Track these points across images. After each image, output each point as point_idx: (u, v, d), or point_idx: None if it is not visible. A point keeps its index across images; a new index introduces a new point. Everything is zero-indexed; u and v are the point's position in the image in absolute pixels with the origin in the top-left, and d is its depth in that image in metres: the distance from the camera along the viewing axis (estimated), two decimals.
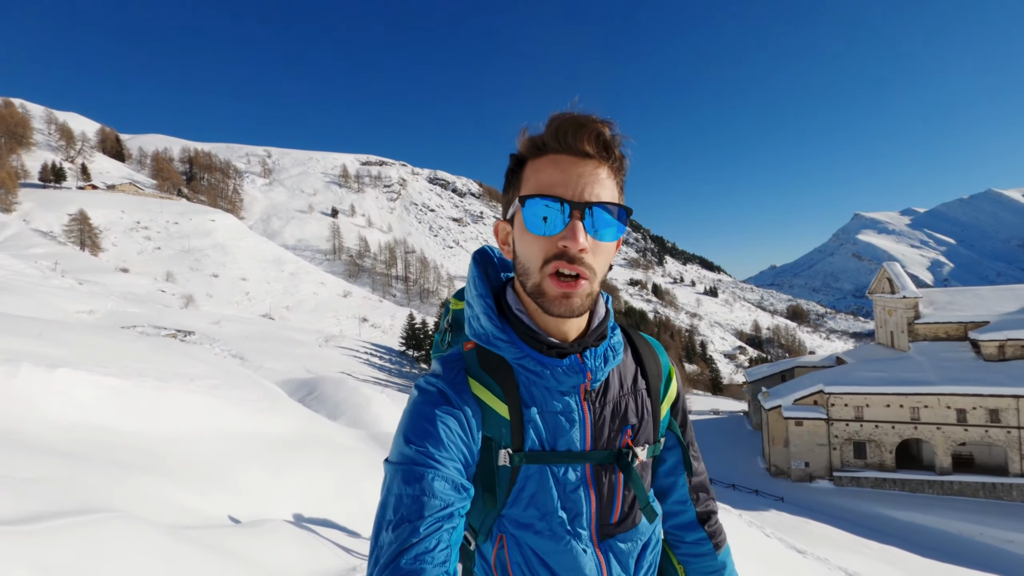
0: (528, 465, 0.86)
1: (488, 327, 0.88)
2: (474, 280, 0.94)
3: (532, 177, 0.80)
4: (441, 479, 0.76)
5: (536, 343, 0.86)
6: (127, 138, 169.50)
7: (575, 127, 0.76)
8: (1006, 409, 28.02)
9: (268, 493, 4.79)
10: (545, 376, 0.85)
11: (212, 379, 6.78)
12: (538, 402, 0.87)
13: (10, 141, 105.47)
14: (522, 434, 0.85)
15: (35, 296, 38.15)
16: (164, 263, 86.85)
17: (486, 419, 0.86)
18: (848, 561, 17.03)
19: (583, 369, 0.86)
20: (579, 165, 0.78)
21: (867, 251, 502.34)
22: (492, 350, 0.88)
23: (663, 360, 1.02)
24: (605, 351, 0.89)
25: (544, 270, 0.79)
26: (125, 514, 2.44)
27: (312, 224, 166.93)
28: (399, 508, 0.74)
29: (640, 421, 0.94)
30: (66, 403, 4.12)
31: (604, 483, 0.90)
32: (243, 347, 39.26)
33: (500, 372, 0.86)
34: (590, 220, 0.77)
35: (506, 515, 0.89)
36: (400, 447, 0.80)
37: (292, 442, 6.21)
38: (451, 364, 0.89)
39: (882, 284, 37.85)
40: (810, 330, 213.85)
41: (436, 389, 0.85)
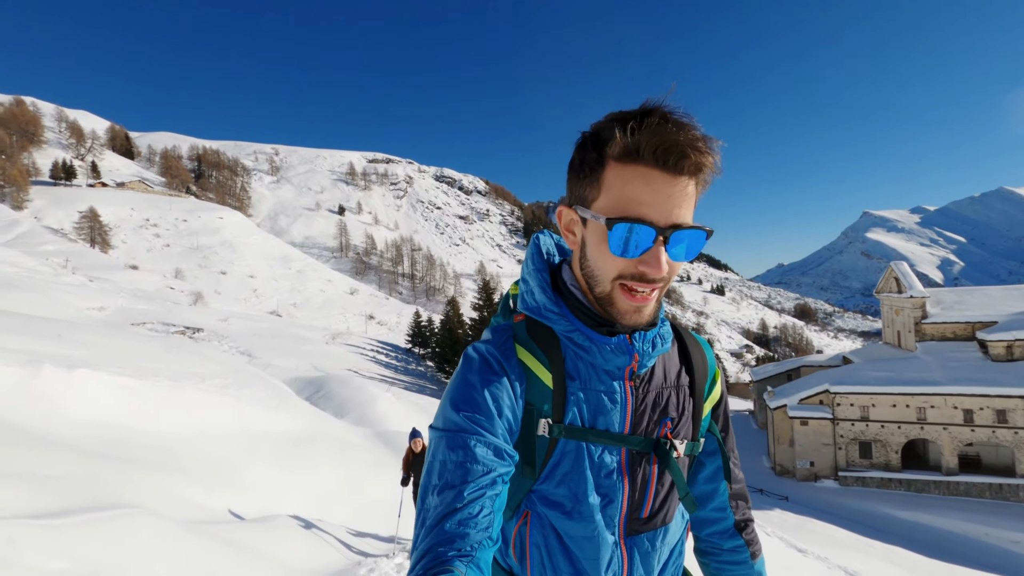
0: (566, 440, 0.85)
1: (541, 299, 0.89)
2: (532, 256, 0.95)
3: (618, 187, 0.76)
4: (484, 445, 0.76)
5: (588, 319, 0.86)
6: (136, 136, 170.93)
7: (679, 150, 0.72)
8: (1013, 410, 27.88)
9: (276, 490, 4.96)
10: (592, 352, 0.85)
11: (223, 378, 6.96)
12: (583, 377, 0.86)
13: (22, 139, 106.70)
14: (563, 406, 0.85)
15: (47, 293, 38.64)
16: (173, 260, 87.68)
17: (530, 386, 0.86)
18: (851, 560, 17.06)
19: (631, 350, 0.85)
20: (671, 185, 0.74)
21: (876, 249, 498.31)
22: (544, 321, 0.88)
23: (711, 361, 1.01)
24: (655, 337, 0.88)
25: (615, 283, 0.79)
26: (143, 509, 2.59)
27: (319, 222, 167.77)
28: (444, 473, 0.75)
29: (680, 416, 0.93)
30: (84, 402, 4.30)
31: (639, 473, 0.89)
32: (251, 344, 39.65)
33: (547, 343, 0.87)
34: (676, 244, 0.76)
35: (537, 491, 0.88)
36: (446, 412, 0.80)
37: (299, 440, 6.38)
38: (500, 332, 0.90)
39: (889, 283, 37.67)
40: (818, 329, 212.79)
41: (483, 354, 0.85)
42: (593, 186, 0.79)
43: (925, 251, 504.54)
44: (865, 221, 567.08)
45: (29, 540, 1.91)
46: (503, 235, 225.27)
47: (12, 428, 3.46)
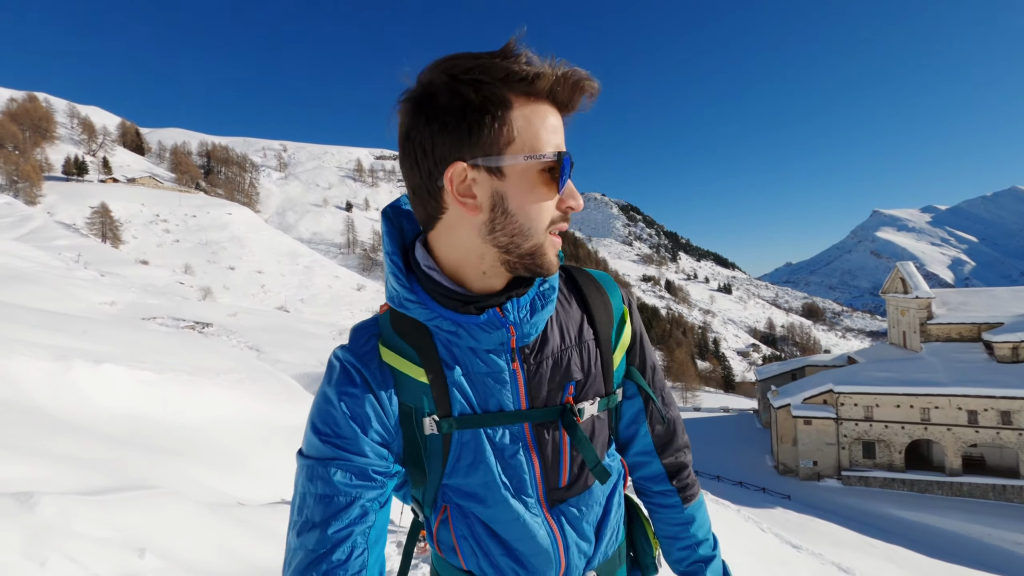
0: (461, 431, 0.79)
1: (397, 288, 0.79)
2: (384, 237, 0.84)
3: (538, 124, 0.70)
4: (347, 470, 0.71)
5: (449, 300, 0.77)
6: (147, 132, 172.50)
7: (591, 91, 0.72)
8: (1018, 411, 27.85)
9: (286, 477, 5.26)
10: (462, 335, 0.77)
11: (236, 373, 7.30)
12: (461, 363, 0.79)
13: (34, 135, 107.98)
14: (447, 398, 0.78)
15: (60, 287, 39.23)
16: (182, 255, 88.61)
17: (401, 388, 0.78)
18: (851, 559, 17.22)
19: (504, 323, 0.77)
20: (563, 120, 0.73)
21: (886, 248, 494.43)
22: (403, 312, 0.79)
23: (615, 302, 0.92)
24: (532, 300, 0.79)
25: (549, 229, 0.74)
26: (168, 490, 2.89)
27: (327, 218, 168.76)
28: (304, 508, 0.70)
29: (587, 375, 0.86)
30: (110, 394, 4.63)
31: (547, 443, 0.83)
32: (259, 339, 40.11)
33: (414, 334, 0.79)
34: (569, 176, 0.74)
35: (448, 484, 0.84)
36: (307, 437, 0.75)
37: None
38: (362, 332, 0.82)
39: (895, 284, 37.61)
40: (826, 328, 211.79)
41: (342, 363, 0.78)
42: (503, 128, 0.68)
43: (936, 251, 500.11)
44: (875, 220, 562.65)
45: (78, 512, 2.23)
46: None
47: (50, 416, 3.81)
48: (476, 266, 0.76)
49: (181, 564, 2.27)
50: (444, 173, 0.70)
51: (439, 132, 0.68)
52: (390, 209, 0.86)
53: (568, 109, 0.72)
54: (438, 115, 0.68)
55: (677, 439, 1.00)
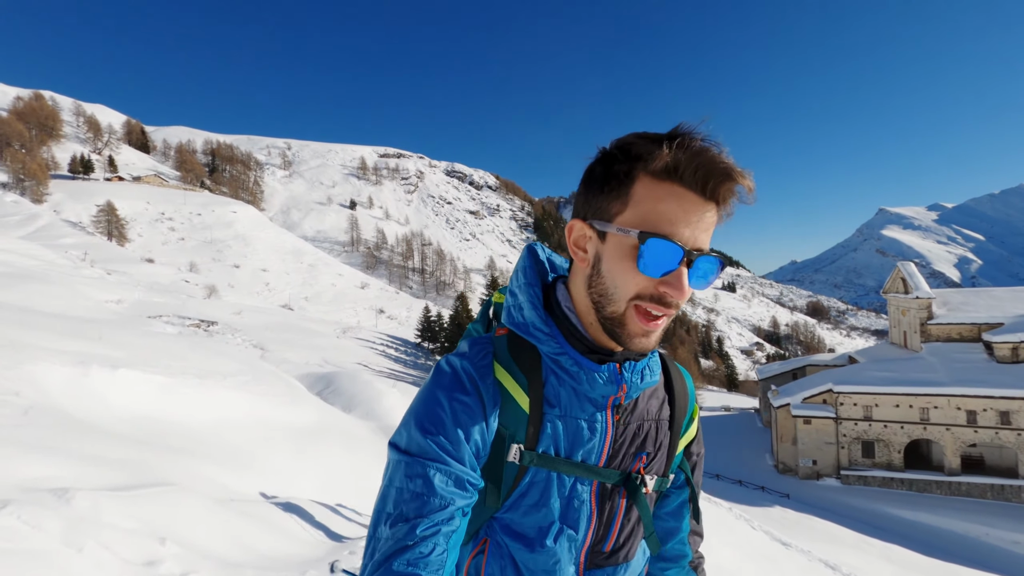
0: (536, 469, 0.81)
1: (531, 316, 0.83)
2: (524, 270, 0.89)
3: (650, 203, 0.72)
4: (446, 475, 0.72)
5: (578, 343, 0.81)
6: (152, 130, 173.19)
7: (721, 176, 0.70)
8: (1017, 411, 27.96)
9: (292, 475, 5.58)
10: (580, 379, 0.80)
11: (242, 376, 7.63)
12: (563, 404, 0.81)
13: (41, 133, 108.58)
14: (538, 433, 0.80)
15: (68, 286, 39.75)
16: (187, 254, 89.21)
17: (505, 408, 0.80)
18: (847, 557, 17.44)
19: (619, 380, 0.81)
20: (703, 209, 0.72)
21: (892, 247, 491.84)
22: (530, 340, 0.82)
23: (691, 395, 0.98)
24: (644, 368, 0.84)
25: (631, 303, 0.74)
26: (184, 487, 3.18)
27: (331, 216, 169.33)
28: (399, 503, 0.71)
29: (656, 451, 0.89)
30: (127, 397, 4.94)
31: (607, 506, 0.85)
32: (264, 337, 40.56)
33: (529, 363, 0.81)
34: (698, 270, 0.73)
35: (499, 519, 0.84)
36: (410, 432, 0.76)
37: (311, 432, 7.02)
38: (479, 346, 0.85)
39: (896, 284, 37.68)
40: (830, 327, 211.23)
41: (457, 370, 0.80)
42: (619, 200, 0.74)
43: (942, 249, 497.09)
44: (881, 218, 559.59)
45: (107, 506, 2.52)
46: (513, 230, 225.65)
47: (73, 418, 4.11)
48: (588, 315, 0.81)
49: (197, 551, 2.57)
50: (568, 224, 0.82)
51: (581, 191, 0.80)
52: (537, 247, 0.94)
53: (712, 198, 0.72)
54: (585, 177, 0.79)
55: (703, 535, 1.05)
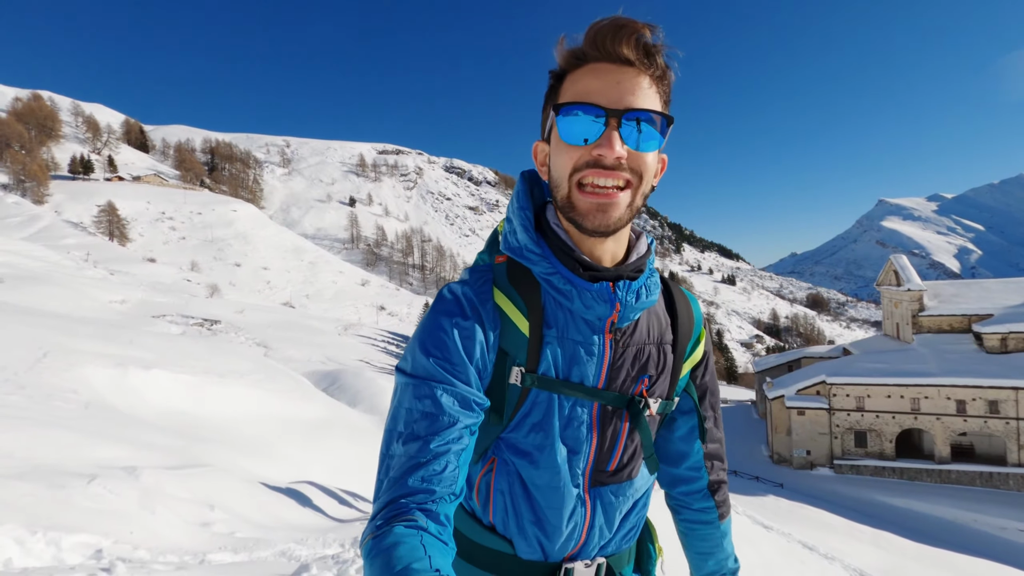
0: (538, 391, 0.83)
1: (523, 239, 0.85)
2: (518, 194, 0.90)
3: (570, 88, 0.76)
4: (452, 395, 0.74)
5: (570, 261, 0.82)
6: (150, 129, 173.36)
7: (613, 31, 0.71)
8: (1005, 400, 28.60)
9: (304, 463, 6.20)
10: (572, 297, 0.81)
11: (257, 374, 8.27)
12: (560, 325, 0.83)
13: (40, 134, 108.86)
14: (538, 355, 0.82)
15: (73, 287, 40.28)
16: (188, 253, 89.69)
17: (505, 332, 0.82)
18: (836, 543, 18.05)
19: (613, 299, 0.81)
20: (618, 72, 0.73)
21: (891, 238, 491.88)
22: (523, 263, 0.84)
23: (697, 318, 0.97)
24: (640, 288, 0.84)
25: (573, 179, 0.76)
26: (218, 468, 3.78)
27: (330, 213, 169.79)
28: (410, 423, 0.73)
29: (659, 374, 0.90)
30: (160, 394, 5.55)
31: (609, 427, 0.87)
32: (266, 335, 41.08)
33: (527, 287, 0.83)
34: (628, 129, 0.72)
35: (504, 438, 0.86)
36: (415, 356, 0.78)
37: (320, 425, 7.64)
38: (479, 273, 0.86)
39: (889, 276, 38.24)
40: (830, 319, 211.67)
41: (458, 296, 0.82)
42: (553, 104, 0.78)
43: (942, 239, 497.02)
44: (880, 209, 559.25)
45: (166, 480, 3.12)
46: None
47: (120, 412, 4.72)
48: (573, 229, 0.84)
49: (237, 516, 3.16)
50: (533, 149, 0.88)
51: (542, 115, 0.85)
52: (529, 172, 0.95)
53: (624, 60, 0.73)
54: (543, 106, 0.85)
55: (722, 457, 1.06)
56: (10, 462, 2.97)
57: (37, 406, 4.38)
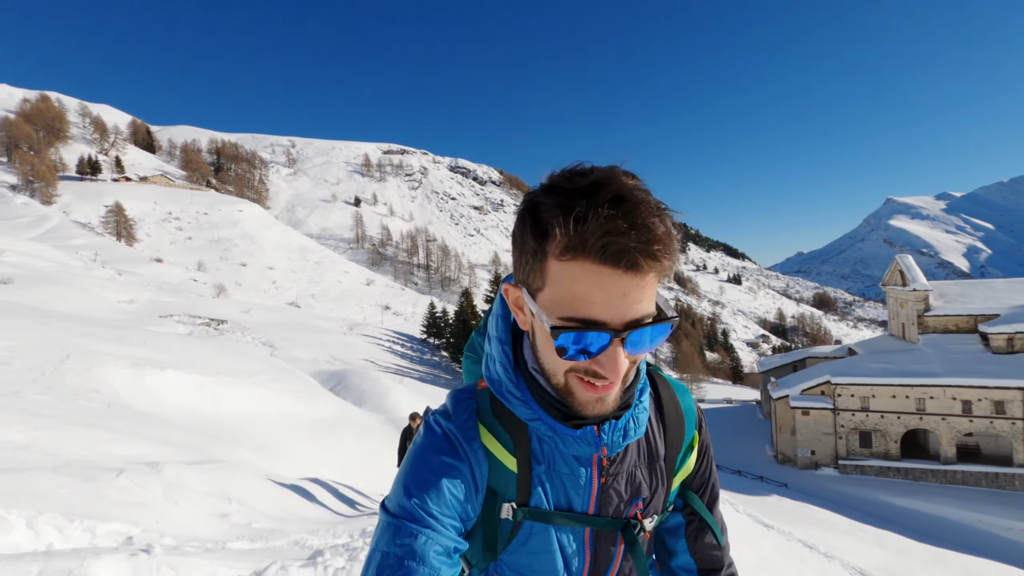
0: (531, 522, 0.82)
1: (503, 379, 0.81)
2: (497, 319, 0.85)
3: (564, 283, 0.64)
4: (433, 543, 0.71)
5: (551, 408, 0.78)
6: (157, 130, 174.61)
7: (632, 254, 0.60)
8: (1011, 401, 28.52)
9: (312, 460, 6.40)
10: (555, 442, 0.80)
11: (266, 375, 8.49)
12: (547, 460, 0.82)
13: (48, 135, 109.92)
14: (528, 490, 0.81)
15: (82, 287, 40.81)
16: (195, 253, 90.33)
17: (493, 471, 0.81)
18: (839, 543, 18.10)
19: (598, 443, 0.78)
20: (626, 281, 0.62)
21: (899, 237, 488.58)
22: (504, 403, 0.81)
23: (688, 424, 0.93)
24: (626, 424, 0.80)
25: (569, 374, 0.72)
26: (232, 464, 3.97)
27: (335, 213, 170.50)
28: (383, 568, 0.70)
29: (653, 493, 0.88)
30: (174, 394, 5.76)
31: (601, 551, 0.86)
32: (272, 335, 41.43)
33: (511, 424, 0.81)
34: (633, 341, 0.66)
35: (504, 560, 0.87)
36: (398, 496, 0.75)
37: (328, 424, 7.85)
38: (463, 404, 0.84)
39: (895, 276, 38.15)
40: (837, 318, 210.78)
41: (444, 432, 0.80)
42: (536, 275, 0.68)
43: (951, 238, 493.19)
44: (888, 208, 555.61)
45: (187, 475, 3.31)
46: None
47: (139, 411, 4.94)
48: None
49: (252, 508, 3.35)
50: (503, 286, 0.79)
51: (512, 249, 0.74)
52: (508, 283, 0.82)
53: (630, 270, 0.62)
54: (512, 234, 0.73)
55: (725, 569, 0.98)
56: (46, 457, 3.22)
57: (65, 405, 4.67)
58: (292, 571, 2.39)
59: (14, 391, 4.89)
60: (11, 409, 4.13)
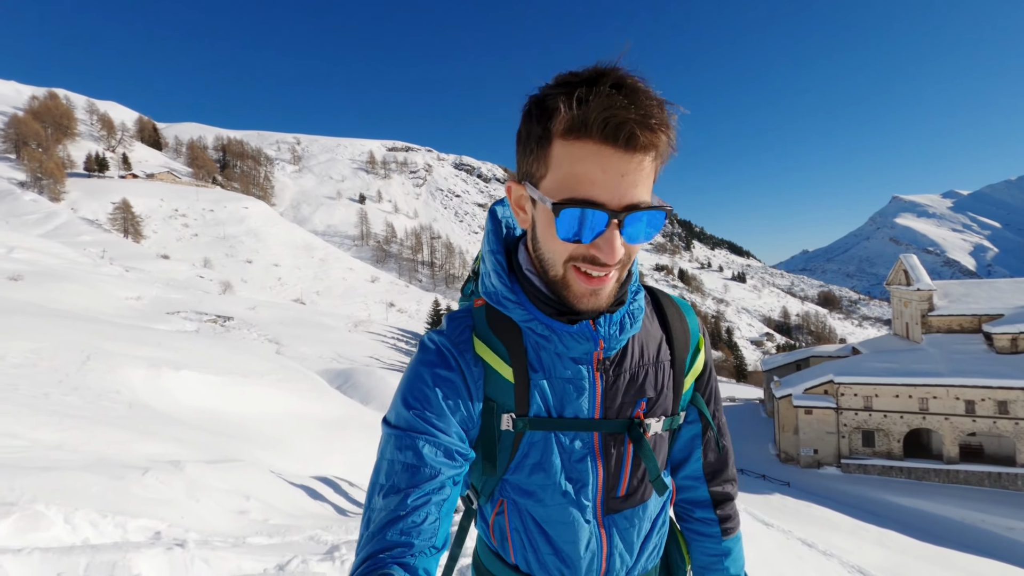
0: (532, 432, 0.82)
1: (498, 285, 0.83)
2: (489, 233, 0.88)
3: (566, 165, 0.68)
4: (434, 446, 0.74)
5: (546, 306, 0.80)
6: (163, 127, 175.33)
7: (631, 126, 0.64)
8: (1015, 401, 28.49)
9: (322, 458, 6.61)
10: (553, 341, 0.80)
11: (276, 375, 8.72)
12: (546, 367, 0.82)
13: (56, 132, 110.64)
14: (527, 399, 0.81)
15: (90, 284, 41.32)
16: (201, 250, 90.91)
17: (489, 381, 0.82)
18: (841, 542, 18.18)
19: (595, 336, 0.79)
20: (625, 162, 0.66)
21: (905, 235, 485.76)
22: (500, 309, 0.82)
23: (693, 329, 0.95)
24: (622, 318, 0.82)
25: (568, 264, 0.74)
26: (247, 462, 4.15)
27: (340, 210, 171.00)
28: (391, 475, 0.74)
29: (658, 393, 0.88)
30: (189, 394, 5.98)
31: (612, 454, 0.86)
32: (278, 332, 41.75)
33: (507, 333, 0.82)
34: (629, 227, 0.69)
35: (509, 480, 0.87)
36: (397, 409, 0.79)
37: (336, 423, 8.06)
38: (457, 321, 0.86)
39: (899, 276, 38.07)
40: (842, 317, 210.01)
41: (437, 347, 0.82)
42: (540, 162, 0.71)
43: (957, 237, 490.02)
44: (894, 206, 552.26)
45: (207, 473, 3.50)
46: None
47: (157, 411, 5.16)
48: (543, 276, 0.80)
49: (269, 505, 3.54)
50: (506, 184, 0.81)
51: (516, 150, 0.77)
52: (498, 207, 0.91)
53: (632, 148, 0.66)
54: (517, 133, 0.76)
55: (727, 470, 1.02)
56: (77, 456, 3.41)
57: (90, 406, 4.90)
58: (312, 565, 2.58)
59: (44, 393, 5.15)
60: (43, 411, 4.37)
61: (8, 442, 3.48)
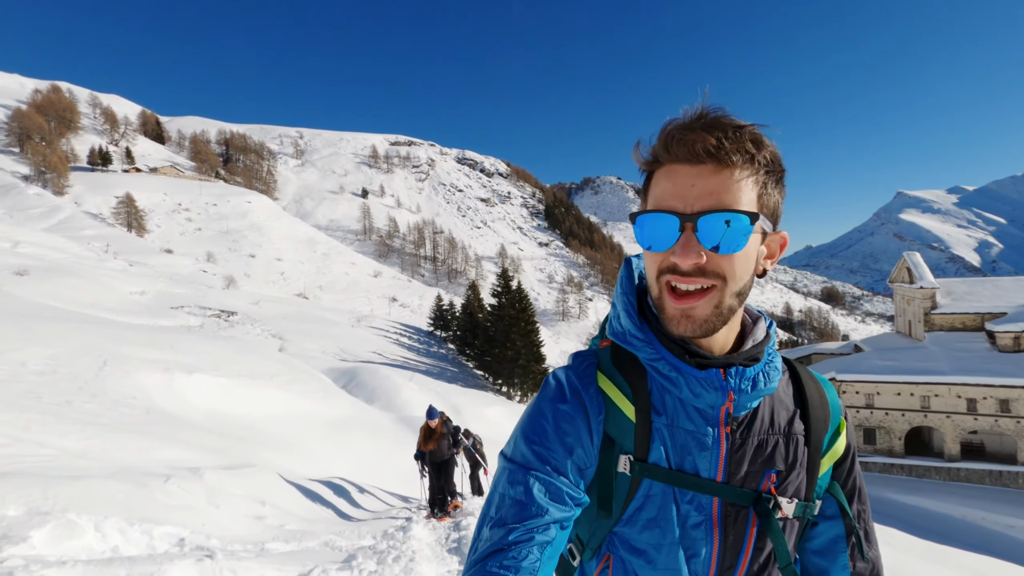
0: (651, 482, 0.77)
1: (627, 324, 0.81)
2: (621, 279, 0.88)
3: (652, 190, 0.74)
4: (544, 485, 0.73)
5: (675, 347, 0.77)
6: (166, 120, 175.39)
7: (680, 134, 0.69)
8: (1016, 399, 28.52)
9: (330, 460, 6.73)
10: (679, 384, 0.76)
11: (284, 376, 8.86)
12: (669, 413, 0.78)
13: (59, 126, 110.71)
14: (647, 442, 0.77)
15: (95, 278, 41.51)
16: (204, 244, 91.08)
17: (609, 417, 0.79)
18: None
19: (724, 387, 0.75)
20: (694, 175, 0.69)
21: (910, 231, 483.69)
22: (627, 348, 0.80)
23: (834, 407, 0.87)
24: (756, 375, 0.77)
25: (659, 282, 0.73)
26: (261, 467, 4.27)
27: (343, 205, 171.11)
28: (500, 508, 0.74)
29: (789, 469, 0.80)
30: (201, 397, 6.10)
31: (731, 528, 0.78)
32: (281, 327, 41.90)
33: (632, 372, 0.80)
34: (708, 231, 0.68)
35: (618, 533, 0.81)
36: (516, 442, 0.79)
37: (343, 423, 8.20)
38: (582, 358, 0.85)
39: (902, 273, 38.03)
40: (845, 313, 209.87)
41: (559, 382, 0.81)
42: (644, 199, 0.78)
43: (962, 233, 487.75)
44: (899, 202, 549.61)
45: (224, 479, 3.62)
46: (524, 217, 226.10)
47: (172, 415, 5.28)
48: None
49: (283, 510, 3.66)
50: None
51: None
52: (633, 259, 0.91)
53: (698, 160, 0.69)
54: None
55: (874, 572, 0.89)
56: (102, 464, 3.53)
57: (109, 412, 5.03)
58: (332, 574, 2.69)
59: (67, 400, 5.28)
60: (67, 418, 4.50)
61: (38, 451, 3.62)
